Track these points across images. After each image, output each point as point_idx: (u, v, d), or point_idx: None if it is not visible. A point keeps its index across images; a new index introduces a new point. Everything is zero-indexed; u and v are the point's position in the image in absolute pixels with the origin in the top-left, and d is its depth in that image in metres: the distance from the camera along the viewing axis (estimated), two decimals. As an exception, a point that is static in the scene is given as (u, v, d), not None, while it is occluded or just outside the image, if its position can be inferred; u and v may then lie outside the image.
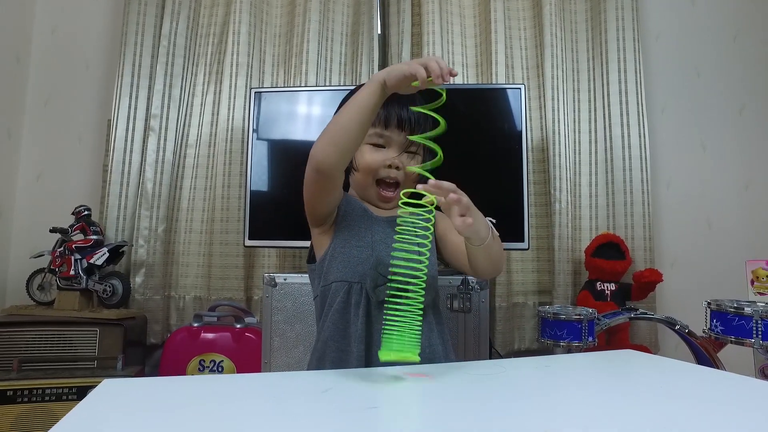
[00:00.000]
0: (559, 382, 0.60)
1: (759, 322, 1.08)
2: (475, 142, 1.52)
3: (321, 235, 0.85)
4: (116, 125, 1.79)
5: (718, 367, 1.25)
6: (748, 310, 1.10)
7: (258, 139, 1.57)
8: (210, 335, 1.55)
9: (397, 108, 0.83)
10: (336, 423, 0.42)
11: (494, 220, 1.58)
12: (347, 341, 0.77)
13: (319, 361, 0.81)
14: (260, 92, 1.59)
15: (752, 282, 1.37)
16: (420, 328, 0.62)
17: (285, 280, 1.35)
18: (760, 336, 1.08)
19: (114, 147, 1.79)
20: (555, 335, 1.24)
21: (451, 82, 0.68)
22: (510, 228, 1.46)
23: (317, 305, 0.85)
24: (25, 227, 1.86)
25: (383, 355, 0.60)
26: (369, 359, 0.76)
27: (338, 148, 0.72)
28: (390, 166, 0.83)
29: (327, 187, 0.77)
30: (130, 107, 1.81)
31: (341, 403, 0.48)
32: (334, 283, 0.80)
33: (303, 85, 1.78)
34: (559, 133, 1.77)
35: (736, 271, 1.44)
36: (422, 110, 0.72)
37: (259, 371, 1.37)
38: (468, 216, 0.68)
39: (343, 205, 0.84)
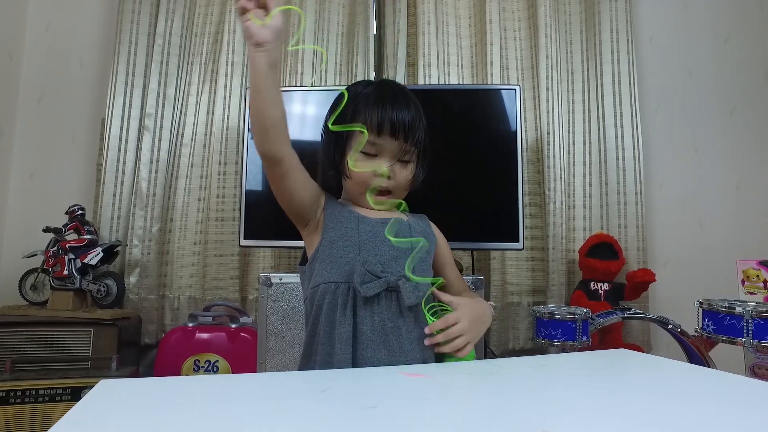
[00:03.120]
0: (555, 382, 0.61)
1: (749, 321, 1.09)
2: (470, 142, 1.53)
3: (309, 237, 0.85)
4: (110, 124, 1.78)
5: (709, 366, 1.27)
6: (739, 309, 1.11)
7: (253, 138, 1.57)
8: (205, 335, 1.55)
9: (390, 113, 0.81)
10: (335, 423, 0.43)
11: (494, 304, 1.64)
12: (332, 343, 0.76)
13: (305, 366, 0.80)
14: (256, 92, 1.58)
15: (743, 282, 1.38)
16: None
17: (280, 280, 1.35)
18: (750, 335, 1.09)
19: (108, 146, 1.78)
20: (549, 335, 1.25)
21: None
22: (505, 228, 1.47)
23: (306, 308, 0.84)
24: (17, 226, 1.84)
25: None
26: (355, 361, 0.74)
27: (261, 129, 0.73)
28: (382, 176, 0.82)
29: (282, 175, 0.76)
30: (124, 106, 1.80)
31: (340, 403, 0.49)
32: (322, 285, 0.79)
33: (298, 85, 1.78)
34: (553, 134, 1.78)
35: (728, 271, 1.46)
36: (340, 128, 0.77)
37: (255, 371, 1.37)
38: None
39: (328, 207, 0.83)
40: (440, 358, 0.78)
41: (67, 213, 1.66)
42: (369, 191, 0.83)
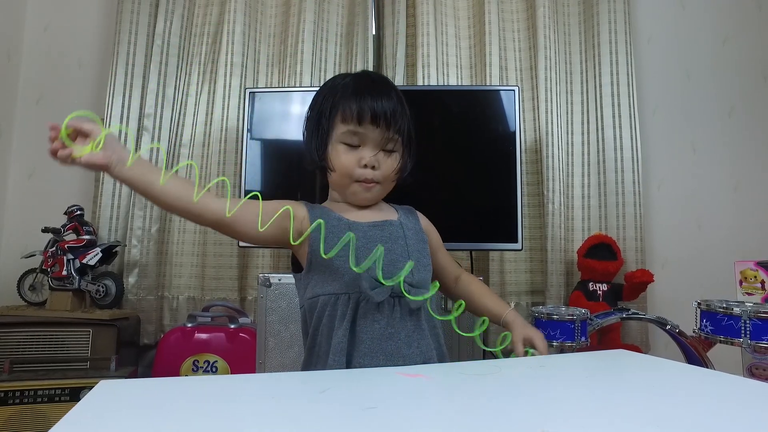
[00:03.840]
0: (554, 382, 0.61)
1: (747, 321, 1.10)
2: (469, 143, 1.53)
3: (296, 249, 0.83)
4: (109, 124, 1.78)
5: (707, 366, 1.27)
6: (736, 310, 1.11)
7: (252, 139, 1.57)
8: (204, 335, 1.55)
9: (371, 101, 0.79)
10: (334, 423, 0.43)
11: (513, 304, 1.63)
12: (329, 354, 0.76)
13: None
14: (254, 92, 1.59)
15: (740, 282, 1.39)
16: None
17: (279, 280, 1.35)
18: (748, 335, 1.10)
19: (107, 146, 1.77)
20: (548, 335, 1.25)
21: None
22: (503, 229, 1.47)
23: (304, 316, 0.83)
24: (16, 227, 1.84)
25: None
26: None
27: (180, 213, 0.75)
28: (365, 166, 0.80)
29: (233, 229, 0.77)
30: (123, 106, 1.80)
31: (339, 404, 0.49)
32: (322, 297, 0.78)
33: (297, 85, 1.78)
34: (552, 135, 1.78)
35: (726, 272, 1.46)
36: None
37: (254, 372, 1.37)
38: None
39: (313, 218, 0.80)
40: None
41: (65, 213, 1.66)
42: (351, 181, 0.82)
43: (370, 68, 1.84)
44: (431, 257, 0.91)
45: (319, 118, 0.83)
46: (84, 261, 1.60)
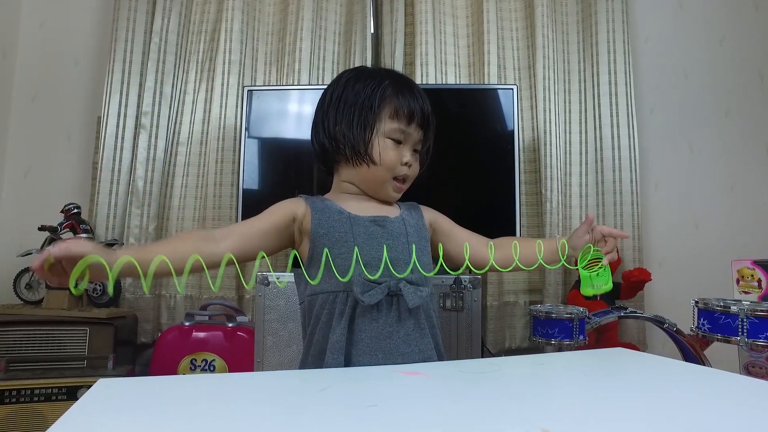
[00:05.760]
0: (553, 380, 0.61)
1: (744, 320, 1.10)
2: (468, 142, 1.53)
3: (299, 245, 0.83)
4: (106, 122, 1.77)
5: (704, 364, 1.28)
6: (734, 308, 1.12)
7: (250, 137, 1.57)
8: (201, 334, 1.55)
9: (421, 102, 0.83)
10: (335, 421, 0.43)
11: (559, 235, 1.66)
12: (326, 352, 0.75)
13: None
14: (252, 90, 1.59)
15: (737, 281, 1.39)
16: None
17: (278, 279, 1.35)
18: (745, 334, 1.10)
19: (104, 144, 1.77)
20: (546, 334, 1.25)
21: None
22: (501, 227, 1.47)
23: (302, 312, 0.83)
24: (12, 225, 1.83)
25: (585, 292, 0.81)
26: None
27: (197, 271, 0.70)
28: (405, 164, 0.83)
29: (244, 256, 0.76)
30: (120, 104, 1.79)
31: (339, 402, 0.49)
32: (321, 295, 0.77)
33: (295, 83, 1.78)
34: (550, 134, 1.78)
35: (722, 271, 1.47)
36: None
37: (252, 370, 1.37)
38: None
39: (314, 212, 0.80)
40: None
41: (62, 211, 1.65)
42: (389, 178, 0.83)
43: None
44: (448, 236, 0.90)
45: (362, 109, 0.82)
46: (81, 259, 1.59)
